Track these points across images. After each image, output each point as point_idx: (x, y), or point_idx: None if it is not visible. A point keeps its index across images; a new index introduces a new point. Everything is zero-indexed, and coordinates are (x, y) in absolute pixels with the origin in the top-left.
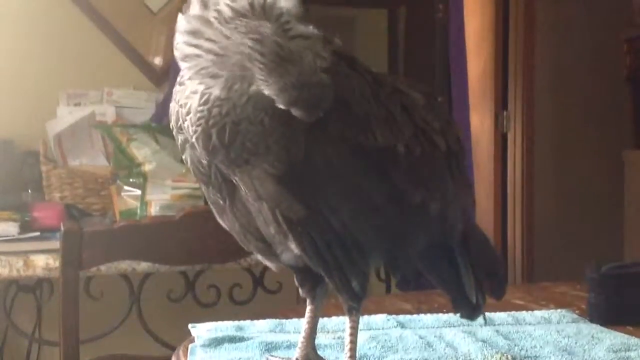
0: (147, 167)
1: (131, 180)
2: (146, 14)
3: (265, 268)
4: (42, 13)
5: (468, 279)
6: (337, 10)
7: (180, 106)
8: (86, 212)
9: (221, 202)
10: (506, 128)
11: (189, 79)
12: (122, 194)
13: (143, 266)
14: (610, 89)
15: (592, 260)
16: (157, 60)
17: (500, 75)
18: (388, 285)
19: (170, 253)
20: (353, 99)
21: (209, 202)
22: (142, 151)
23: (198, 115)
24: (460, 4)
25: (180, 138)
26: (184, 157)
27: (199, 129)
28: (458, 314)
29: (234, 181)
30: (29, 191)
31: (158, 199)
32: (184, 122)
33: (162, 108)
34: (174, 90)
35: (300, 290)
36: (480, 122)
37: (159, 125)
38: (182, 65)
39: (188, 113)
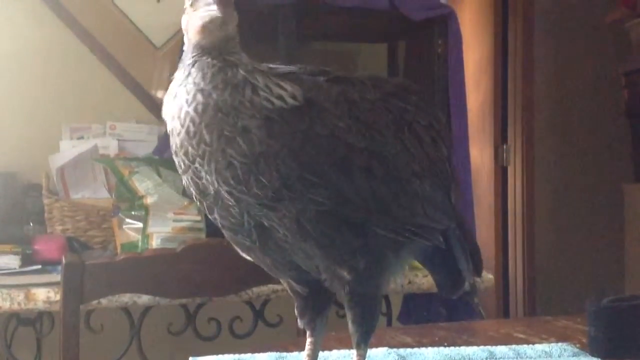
0: (149, 200)
1: (133, 213)
2: (149, 48)
3: (266, 301)
4: (45, 48)
5: (465, 260)
6: (338, 45)
7: (197, 177)
8: (87, 245)
9: (248, 243)
10: (506, 161)
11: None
12: (124, 226)
13: (144, 299)
14: (609, 123)
15: (593, 293)
16: (160, 94)
17: (499, 109)
18: (389, 318)
19: (171, 286)
20: (387, 151)
21: (230, 242)
22: (144, 184)
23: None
24: (459, 38)
25: (205, 203)
26: (211, 217)
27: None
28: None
29: (266, 224)
30: (31, 224)
31: (159, 232)
32: (204, 179)
33: (165, 141)
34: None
35: (299, 320)
36: (480, 156)
37: (161, 158)
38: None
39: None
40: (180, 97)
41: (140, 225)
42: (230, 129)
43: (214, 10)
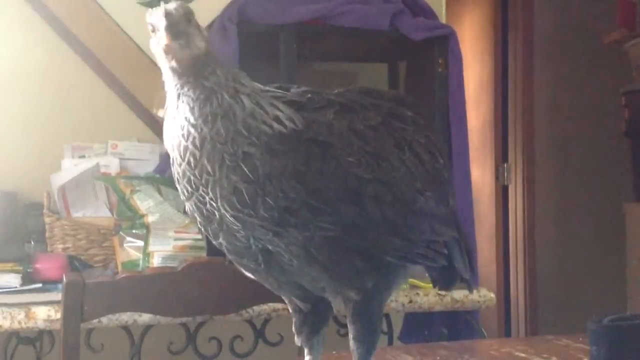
0: (150, 219)
1: (134, 231)
2: (151, 68)
3: (267, 320)
4: (47, 67)
5: (461, 257)
6: (339, 65)
7: (201, 203)
8: (88, 264)
9: (253, 266)
10: (507, 180)
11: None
12: (125, 245)
13: (144, 318)
14: (609, 142)
15: (594, 312)
16: (161, 113)
17: (500, 128)
18: (390, 337)
19: (171, 305)
20: (393, 177)
21: (235, 264)
22: (145, 202)
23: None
24: (459, 58)
25: (210, 229)
26: (216, 242)
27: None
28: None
29: (271, 249)
30: (32, 242)
31: (160, 250)
32: (209, 205)
33: (166, 160)
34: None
35: (296, 337)
36: (481, 175)
37: (163, 176)
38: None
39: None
40: (176, 130)
41: (141, 243)
42: (231, 157)
43: (163, 40)
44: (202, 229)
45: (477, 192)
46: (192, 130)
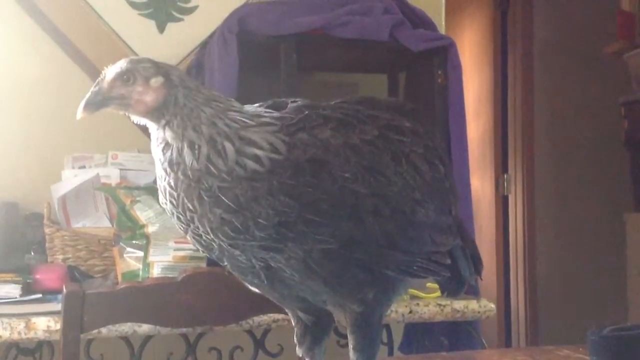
0: (150, 229)
1: (134, 241)
2: None
3: (267, 330)
4: (48, 78)
5: (467, 265)
6: (339, 75)
7: (197, 235)
8: (88, 274)
9: (257, 282)
10: (507, 191)
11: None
12: (125, 255)
13: (144, 328)
14: (609, 152)
15: (594, 322)
16: None
17: (500, 139)
18: (390, 347)
19: (171, 315)
20: (390, 190)
21: (239, 279)
22: (146, 213)
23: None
24: (459, 69)
25: (214, 256)
26: (222, 264)
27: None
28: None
29: (272, 264)
30: (32, 253)
31: (160, 261)
32: (204, 237)
33: None
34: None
35: (298, 348)
36: (480, 185)
37: None
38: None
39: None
40: (157, 168)
41: (141, 254)
42: (207, 193)
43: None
44: (207, 253)
45: (477, 203)
46: (164, 173)
